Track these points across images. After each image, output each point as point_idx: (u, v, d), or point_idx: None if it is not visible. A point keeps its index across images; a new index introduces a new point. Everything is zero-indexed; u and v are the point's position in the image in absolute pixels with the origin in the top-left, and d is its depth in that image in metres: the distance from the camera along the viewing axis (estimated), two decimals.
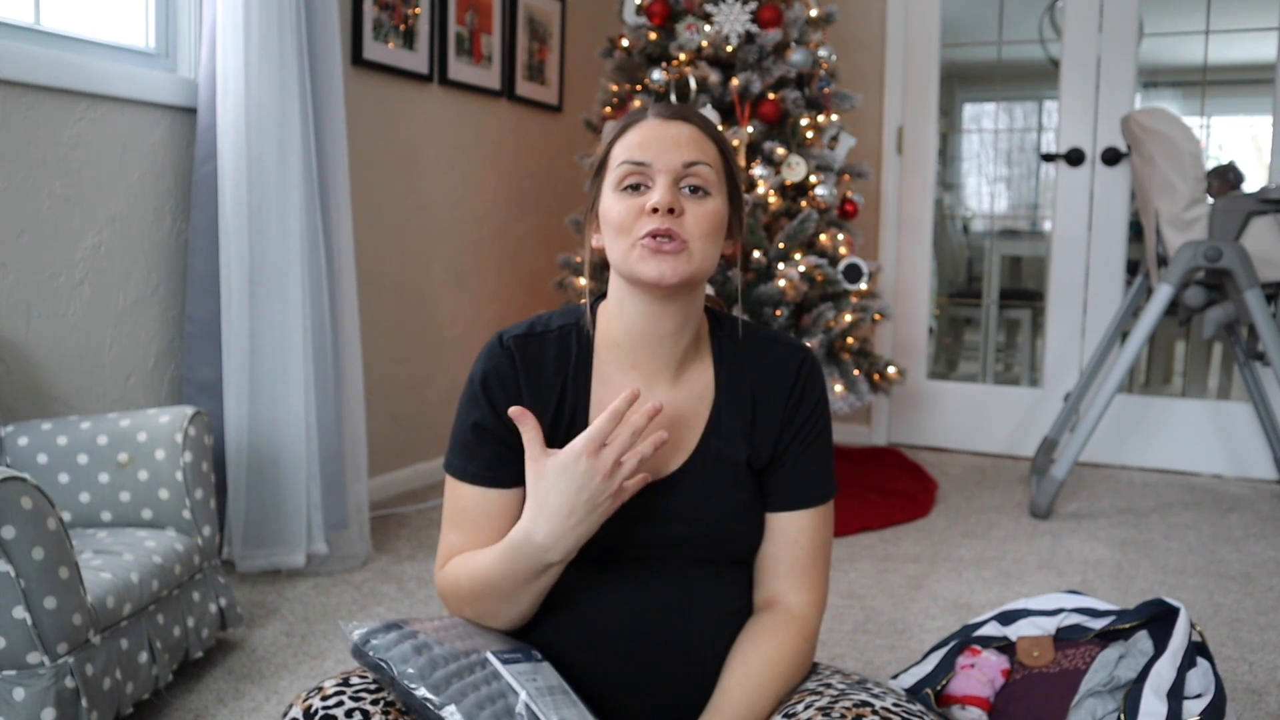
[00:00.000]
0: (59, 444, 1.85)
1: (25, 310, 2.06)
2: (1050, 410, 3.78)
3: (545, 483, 1.03)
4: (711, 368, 1.17)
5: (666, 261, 1.05)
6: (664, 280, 1.06)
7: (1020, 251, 4.60)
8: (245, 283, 2.28)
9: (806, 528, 1.14)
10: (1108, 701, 1.31)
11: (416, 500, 3.07)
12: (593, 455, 1.00)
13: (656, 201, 1.05)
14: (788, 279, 2.89)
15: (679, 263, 1.06)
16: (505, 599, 1.08)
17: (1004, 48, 3.98)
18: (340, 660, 1.94)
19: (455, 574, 1.12)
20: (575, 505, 1.01)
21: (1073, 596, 1.53)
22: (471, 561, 1.11)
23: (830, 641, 2.06)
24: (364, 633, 1.01)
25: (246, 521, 2.31)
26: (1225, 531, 2.90)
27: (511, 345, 1.14)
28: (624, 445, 1.01)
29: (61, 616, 1.43)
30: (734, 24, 3.00)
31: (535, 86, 3.68)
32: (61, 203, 2.12)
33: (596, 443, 1.01)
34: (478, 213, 3.45)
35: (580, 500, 1.01)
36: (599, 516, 1.03)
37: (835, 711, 1.00)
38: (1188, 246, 2.89)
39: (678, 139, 1.08)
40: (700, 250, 1.07)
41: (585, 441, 1.01)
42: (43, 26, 2.11)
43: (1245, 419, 3.57)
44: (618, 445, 1.01)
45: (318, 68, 2.39)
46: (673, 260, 1.06)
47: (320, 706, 0.96)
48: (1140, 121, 3.04)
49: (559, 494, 1.01)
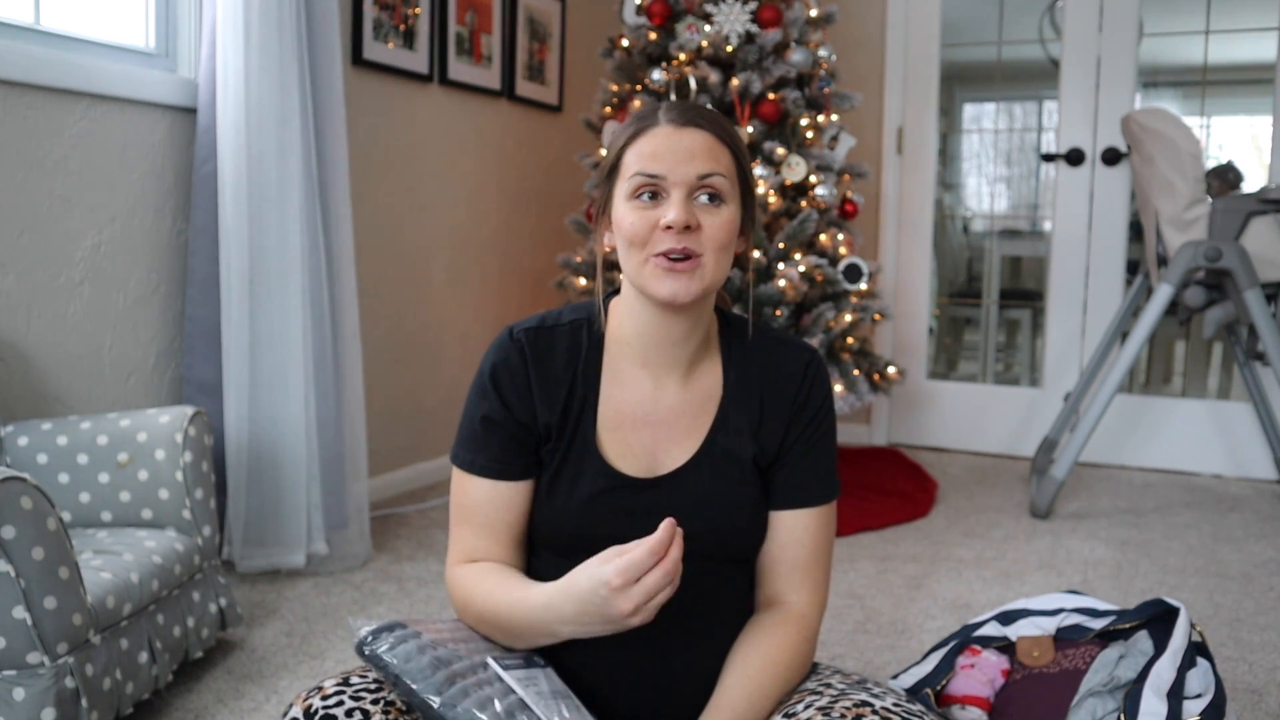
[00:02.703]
0: (59, 444, 1.85)
1: (25, 310, 2.06)
2: (1050, 410, 3.78)
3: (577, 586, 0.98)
4: (720, 366, 1.17)
5: (680, 281, 1.05)
6: (677, 299, 1.06)
7: (1020, 251, 4.60)
8: (245, 283, 2.28)
9: (809, 527, 1.14)
10: (1108, 701, 1.31)
11: (416, 500, 3.07)
12: (620, 590, 0.94)
13: (672, 219, 1.05)
14: (788, 279, 2.89)
15: (692, 282, 1.06)
16: (514, 639, 1.09)
17: (1004, 48, 3.98)
18: (340, 660, 1.94)
19: (469, 589, 1.11)
20: (593, 622, 0.99)
21: (1073, 596, 1.53)
22: (491, 585, 1.10)
23: (830, 641, 2.06)
24: (369, 630, 1.01)
25: (246, 521, 2.31)
26: (1225, 531, 2.90)
27: (522, 338, 1.14)
28: (655, 588, 0.94)
29: (61, 616, 1.43)
30: (734, 24, 3.00)
31: (535, 86, 3.68)
32: (61, 203, 2.12)
33: (629, 577, 0.94)
34: (478, 213, 3.45)
35: (598, 621, 0.98)
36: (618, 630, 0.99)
37: (835, 711, 1.00)
38: (1188, 246, 2.89)
39: (692, 149, 1.07)
40: (713, 264, 1.07)
41: (618, 574, 0.94)
42: (43, 26, 2.11)
43: (1245, 419, 3.56)
44: (648, 588, 0.94)
45: (318, 68, 2.39)
46: (686, 280, 1.05)
47: (320, 706, 0.96)
48: (1140, 121, 3.04)
49: (581, 606, 0.98)
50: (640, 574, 0.94)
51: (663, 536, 0.94)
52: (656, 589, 0.94)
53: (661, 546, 0.94)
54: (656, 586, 0.94)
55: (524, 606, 1.05)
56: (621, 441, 1.13)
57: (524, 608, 1.05)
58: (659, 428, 1.14)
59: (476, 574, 1.12)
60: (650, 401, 1.14)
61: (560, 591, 1.00)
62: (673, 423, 1.14)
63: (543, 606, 1.02)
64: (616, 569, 0.94)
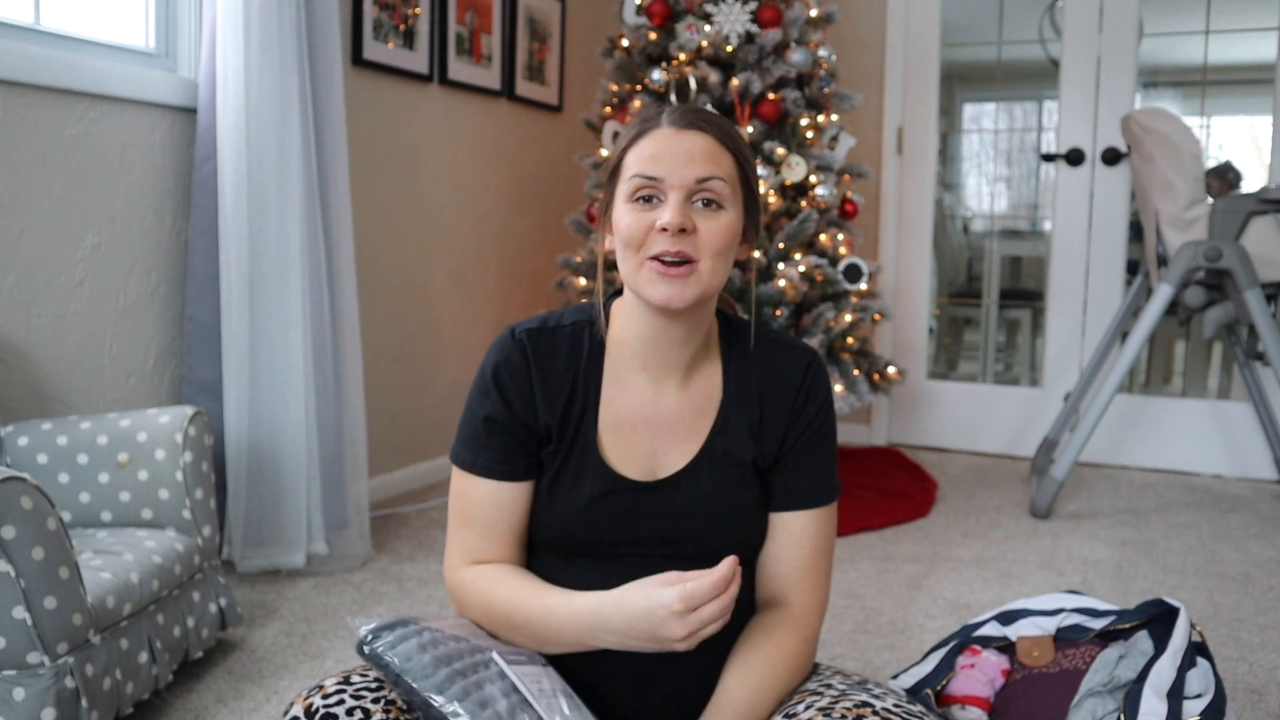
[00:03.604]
0: (59, 444, 1.85)
1: (25, 310, 2.06)
2: (1050, 410, 3.78)
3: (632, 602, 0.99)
4: (720, 369, 1.17)
5: (674, 286, 1.05)
6: (670, 304, 1.05)
7: (1020, 251, 4.60)
8: (245, 283, 2.28)
9: (809, 528, 1.14)
10: (1108, 701, 1.31)
11: (416, 500, 3.07)
12: (678, 615, 0.95)
13: (667, 222, 1.04)
14: (788, 279, 2.89)
15: (686, 287, 1.05)
16: (538, 644, 1.08)
17: (1004, 48, 3.98)
18: (340, 660, 1.94)
19: (489, 591, 1.11)
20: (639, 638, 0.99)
21: (1073, 596, 1.53)
22: (515, 591, 1.09)
23: (830, 641, 2.06)
24: (369, 629, 1.01)
25: (246, 521, 2.31)
26: (1225, 531, 2.90)
27: (524, 338, 1.14)
28: (709, 619, 0.96)
29: (61, 616, 1.43)
30: (734, 24, 3.00)
31: (535, 86, 3.68)
32: (61, 203, 2.12)
33: (691, 605, 0.95)
34: (478, 213, 3.45)
35: (645, 638, 0.99)
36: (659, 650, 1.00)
37: (836, 712, 1.00)
38: (1188, 246, 2.89)
39: (691, 152, 1.06)
40: (710, 269, 1.06)
41: (680, 600, 0.95)
42: (43, 26, 2.11)
43: (1245, 419, 3.56)
44: (704, 618, 0.96)
45: (318, 68, 2.39)
46: (680, 285, 1.05)
47: (321, 705, 0.96)
48: (1140, 121, 3.04)
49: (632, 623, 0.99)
50: (700, 604, 0.95)
51: (725, 573, 0.96)
52: (710, 620, 0.96)
53: (724, 581, 0.96)
54: (711, 618, 0.96)
55: (565, 611, 1.04)
56: (622, 444, 1.13)
57: (565, 612, 1.04)
58: (659, 431, 1.13)
59: (495, 576, 1.11)
60: (650, 404, 1.14)
61: (613, 603, 1.00)
62: (673, 425, 1.14)
63: (590, 614, 1.02)
64: (680, 594, 0.95)
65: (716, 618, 0.96)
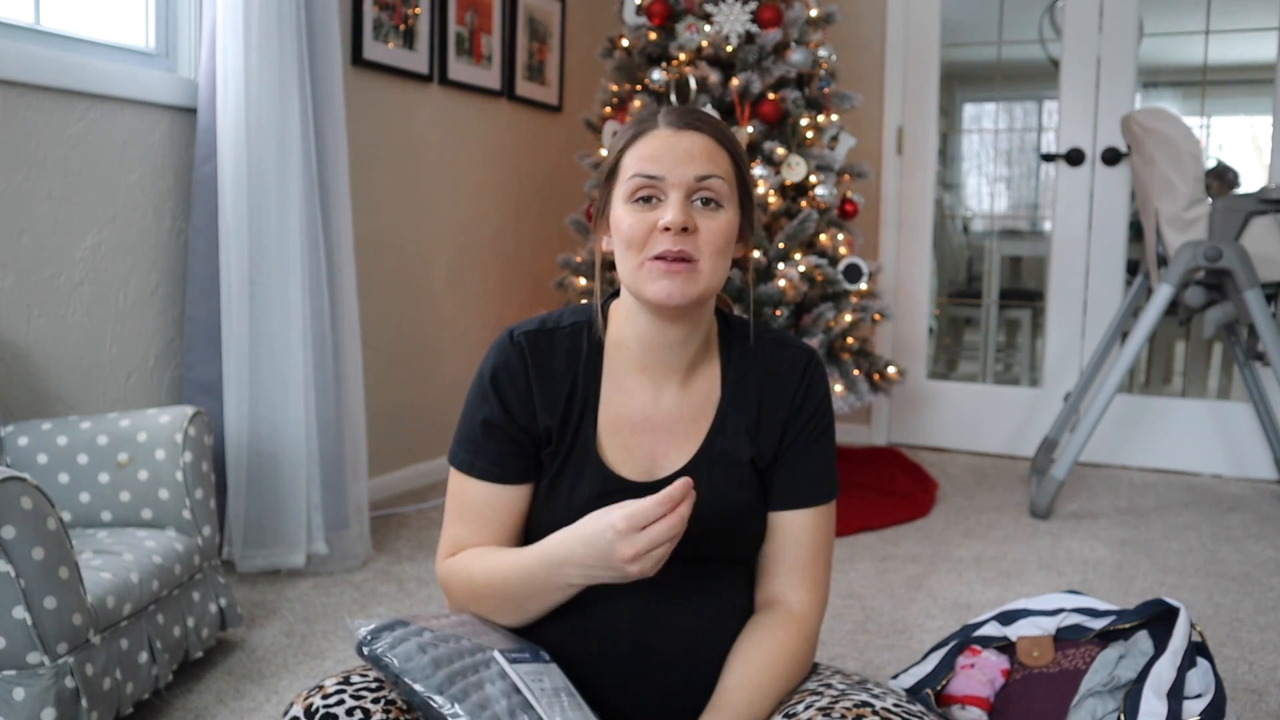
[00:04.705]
0: (59, 444, 1.85)
1: (25, 310, 2.06)
2: (1050, 410, 3.78)
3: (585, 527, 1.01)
4: (719, 368, 1.17)
5: (675, 282, 1.05)
6: (671, 301, 1.06)
7: (1020, 251, 4.60)
8: (245, 283, 2.28)
9: (808, 527, 1.14)
10: (1108, 701, 1.31)
11: (416, 500, 3.07)
12: (624, 534, 0.96)
13: (669, 221, 1.04)
14: (788, 279, 2.89)
15: (688, 284, 1.05)
16: (518, 604, 1.09)
17: (1004, 48, 3.98)
18: (340, 660, 1.94)
19: (467, 567, 1.12)
20: (597, 565, 1.00)
21: (1073, 596, 1.53)
22: (490, 558, 1.11)
23: (830, 641, 2.06)
24: (369, 630, 1.01)
25: (246, 521, 2.31)
26: (1225, 531, 2.90)
27: (522, 341, 1.14)
28: (658, 539, 0.96)
29: (61, 616, 1.43)
30: (734, 24, 3.00)
31: (535, 86, 3.68)
32: (61, 203, 2.12)
33: (635, 524, 0.96)
34: (478, 213, 3.45)
35: (601, 564, 1.00)
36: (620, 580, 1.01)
37: (835, 712, 1.00)
38: (1188, 246, 2.89)
39: (690, 151, 1.07)
40: (710, 268, 1.07)
41: (624, 519, 0.96)
42: (43, 26, 2.11)
43: (1245, 419, 3.56)
44: (651, 537, 0.96)
45: (318, 68, 2.39)
46: (681, 281, 1.05)
47: (321, 705, 0.96)
48: (1140, 121, 3.04)
49: (588, 548, 1.00)
50: (646, 523, 0.96)
51: (674, 491, 0.96)
52: (659, 540, 0.95)
53: (671, 500, 0.96)
54: (660, 537, 0.95)
55: (533, 556, 1.06)
56: (621, 445, 1.13)
57: (533, 557, 1.06)
58: (658, 431, 1.14)
59: (470, 555, 1.13)
60: (650, 405, 1.14)
61: (573, 533, 1.02)
62: (672, 426, 1.14)
63: (554, 549, 1.03)
64: (623, 514, 0.96)
65: (665, 537, 0.95)
